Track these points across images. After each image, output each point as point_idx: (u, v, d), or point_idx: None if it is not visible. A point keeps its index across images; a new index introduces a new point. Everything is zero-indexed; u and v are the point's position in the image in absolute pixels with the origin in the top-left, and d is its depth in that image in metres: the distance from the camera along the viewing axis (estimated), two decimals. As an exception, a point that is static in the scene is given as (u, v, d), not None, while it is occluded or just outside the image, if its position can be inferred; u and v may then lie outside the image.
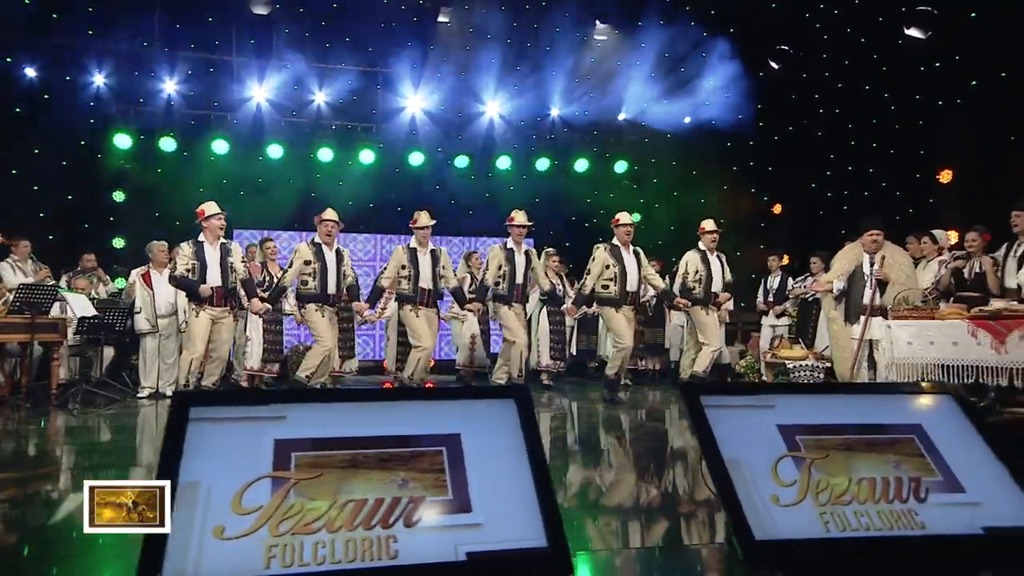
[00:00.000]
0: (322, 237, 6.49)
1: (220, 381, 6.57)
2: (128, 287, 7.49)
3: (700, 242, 7.28)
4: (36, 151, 9.56)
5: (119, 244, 9.64)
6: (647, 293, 7.76)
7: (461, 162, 10.78)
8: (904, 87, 9.77)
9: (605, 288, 6.63)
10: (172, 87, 9.74)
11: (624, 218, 6.77)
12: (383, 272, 6.71)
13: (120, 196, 9.69)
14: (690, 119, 11.21)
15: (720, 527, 2.15)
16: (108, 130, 9.73)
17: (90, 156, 9.87)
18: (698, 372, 6.84)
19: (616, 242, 6.73)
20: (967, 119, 8.66)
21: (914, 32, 9.37)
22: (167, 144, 9.79)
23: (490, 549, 1.47)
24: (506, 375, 6.84)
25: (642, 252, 6.89)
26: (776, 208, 11.33)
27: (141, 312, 6.88)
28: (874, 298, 5.28)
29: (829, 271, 6.22)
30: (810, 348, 7.13)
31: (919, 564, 1.71)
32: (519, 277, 6.71)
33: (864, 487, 1.78)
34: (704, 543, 2.19)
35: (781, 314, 8.31)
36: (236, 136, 10.12)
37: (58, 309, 6.55)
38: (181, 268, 6.24)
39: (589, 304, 7.11)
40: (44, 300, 6.11)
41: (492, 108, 10.48)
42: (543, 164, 11.06)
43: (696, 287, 6.98)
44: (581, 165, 11.17)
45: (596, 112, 10.97)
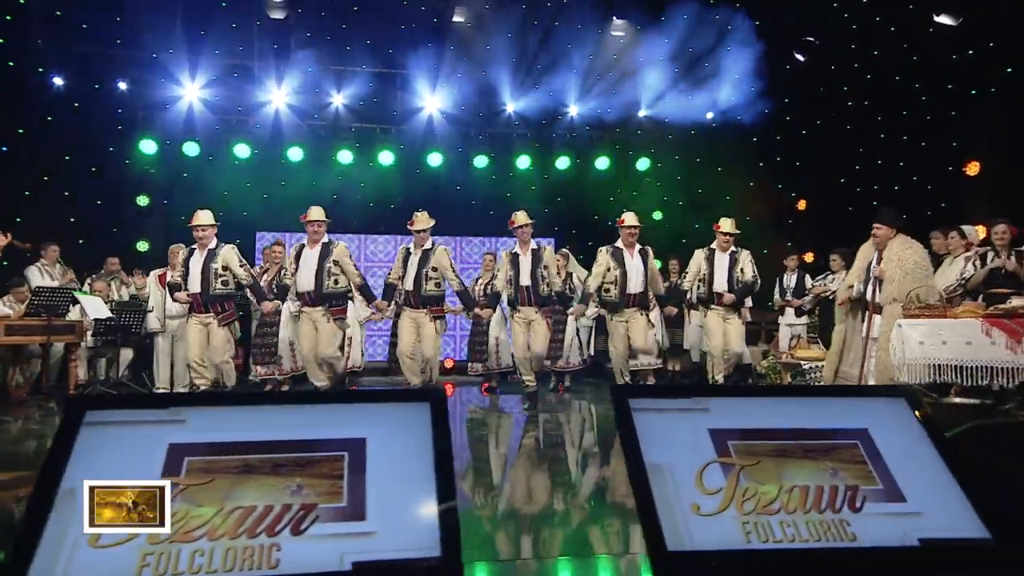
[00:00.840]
0: (309, 236, 6.50)
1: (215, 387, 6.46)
2: (144, 288, 7.65)
3: (715, 240, 7.06)
4: (67, 157, 9.84)
5: (143, 248, 9.85)
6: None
7: (480, 162, 10.76)
8: (935, 76, 9.46)
9: (607, 291, 6.56)
10: (195, 93, 9.92)
11: (629, 219, 6.66)
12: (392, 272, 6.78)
13: (144, 200, 9.90)
14: (713, 114, 11.02)
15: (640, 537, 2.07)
16: (134, 136, 9.97)
17: (118, 162, 10.13)
18: (719, 381, 6.65)
19: (620, 244, 6.63)
20: (1000, 108, 8.34)
21: (944, 19, 9.06)
22: (191, 149, 9.98)
23: (378, 559, 1.43)
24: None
25: (651, 252, 6.76)
26: (801, 204, 11.04)
27: (153, 312, 7.01)
28: (874, 295, 5.10)
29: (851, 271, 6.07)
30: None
31: (847, 576, 1.62)
32: (524, 278, 6.54)
33: (795, 496, 1.69)
34: (620, 553, 2.11)
35: (800, 313, 8.09)
36: (257, 140, 10.27)
37: (78, 312, 6.72)
38: (175, 274, 6.39)
39: (586, 304, 7.01)
40: (60, 303, 6.26)
41: (509, 107, 10.44)
42: (563, 163, 10.98)
43: (700, 286, 6.81)
44: (602, 163, 11.05)
45: (616, 109, 10.85)
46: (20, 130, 9.55)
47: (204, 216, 6.30)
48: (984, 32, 8.49)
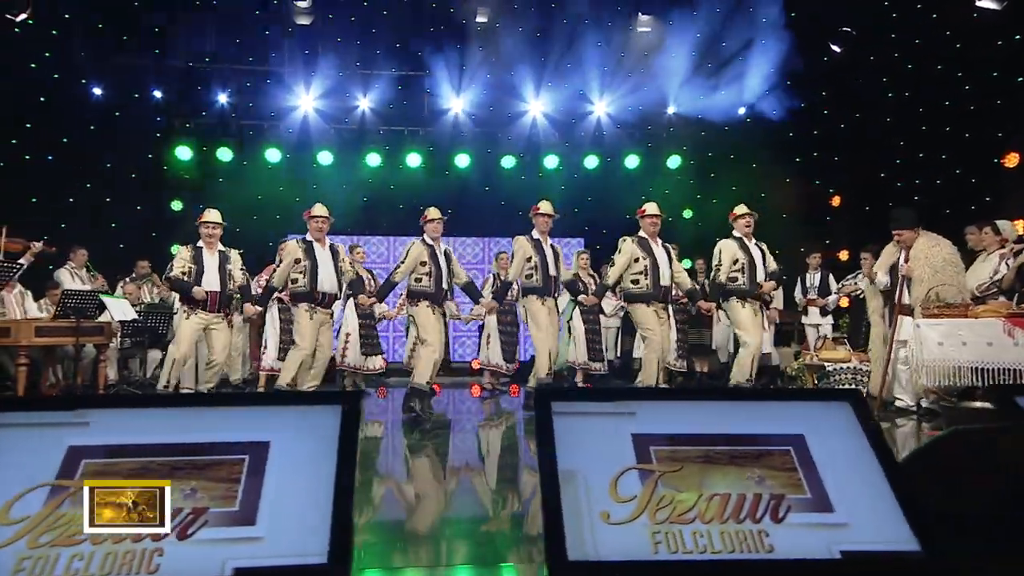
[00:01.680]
0: (313, 234, 6.25)
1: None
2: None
3: (734, 230, 6.73)
4: (108, 165, 10.18)
5: (176, 251, 10.12)
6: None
7: (508, 162, 10.74)
8: (979, 64, 9.06)
9: (635, 283, 6.25)
10: (227, 99, 10.15)
11: (651, 209, 6.47)
12: (398, 267, 6.14)
13: (178, 205, 10.17)
14: (747, 109, 10.77)
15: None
16: (170, 143, 10.25)
17: (156, 168, 10.44)
18: (740, 382, 6.22)
19: (643, 234, 6.45)
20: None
21: (988, 3, 8.67)
22: (224, 154, 10.22)
23: (262, 565, 1.41)
24: (534, 378, 6.53)
25: (672, 248, 6.60)
26: (835, 200, 10.70)
27: (179, 313, 7.17)
28: (900, 296, 4.89)
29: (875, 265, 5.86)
30: (858, 349, 6.68)
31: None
32: (551, 268, 6.33)
33: (714, 505, 1.61)
34: (524, 563, 2.05)
35: (825, 313, 7.83)
36: (288, 144, 10.46)
37: (108, 314, 6.93)
38: (177, 271, 6.25)
39: (601, 296, 6.85)
40: (88, 305, 6.46)
41: (536, 107, 10.39)
42: (592, 162, 10.87)
43: (739, 277, 6.33)
44: (632, 161, 10.91)
45: (644, 106, 10.70)
46: (64, 139, 9.93)
47: (215, 214, 6.44)
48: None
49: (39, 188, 9.66)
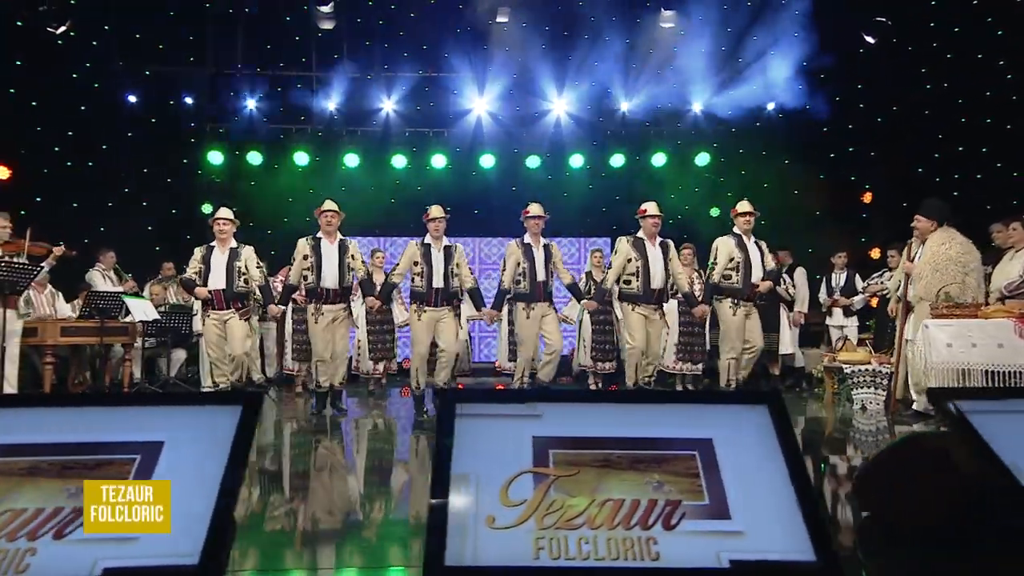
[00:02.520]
0: (323, 228, 6.22)
1: (240, 382, 6.52)
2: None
3: (734, 227, 6.58)
4: (145, 170, 10.50)
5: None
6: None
7: (532, 162, 10.70)
8: (1022, 52, 8.67)
9: (627, 284, 6.29)
10: (255, 104, 10.37)
11: (651, 209, 6.40)
12: (395, 268, 6.27)
13: (208, 208, 10.41)
14: (777, 104, 10.51)
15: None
16: (203, 147, 10.52)
17: (190, 172, 10.73)
18: (733, 381, 6.15)
19: (641, 235, 6.39)
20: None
21: (1031, -12, 8.30)
22: (254, 157, 10.44)
23: (131, 565, 1.43)
24: (519, 382, 6.40)
25: (672, 246, 6.49)
26: (866, 197, 10.36)
27: (198, 314, 7.34)
28: (905, 293, 4.70)
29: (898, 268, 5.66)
30: (882, 351, 6.43)
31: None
32: (540, 273, 6.24)
33: (606, 510, 1.57)
34: (416, 566, 2.03)
35: (850, 313, 7.58)
36: (316, 146, 10.63)
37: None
38: (190, 272, 6.35)
39: (599, 298, 6.74)
40: (112, 306, 6.67)
41: (559, 105, 10.33)
42: (618, 160, 10.75)
43: (733, 275, 6.26)
44: (659, 160, 10.74)
45: (670, 103, 10.53)
46: (103, 146, 10.28)
47: (225, 211, 6.50)
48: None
49: (80, 193, 10.02)
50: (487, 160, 10.59)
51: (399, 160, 10.55)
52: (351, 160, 10.47)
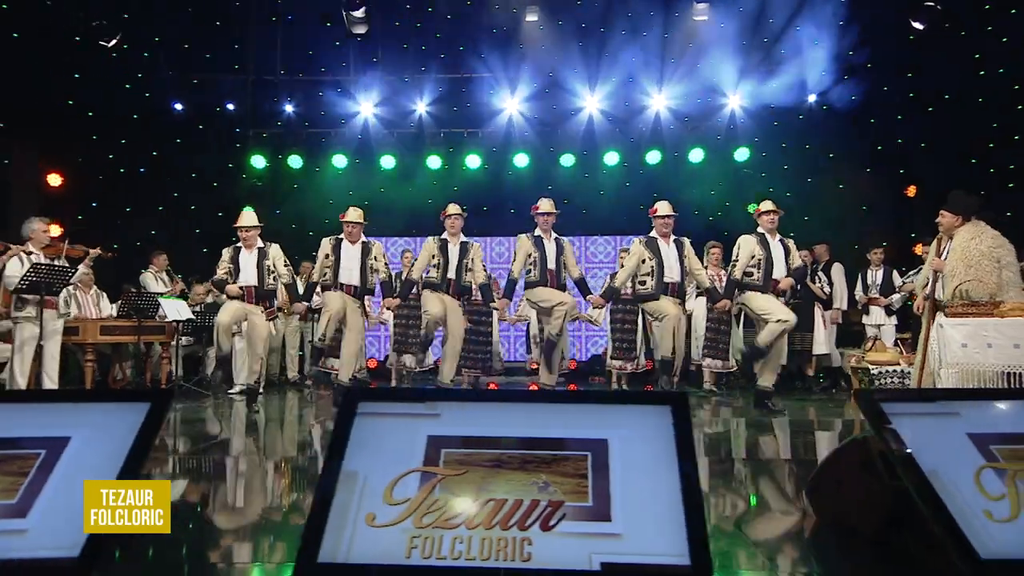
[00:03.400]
0: (345, 235, 6.55)
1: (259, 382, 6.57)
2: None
3: (758, 225, 6.38)
4: (193, 175, 10.90)
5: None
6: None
7: (567, 161, 10.64)
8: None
9: (642, 284, 6.27)
10: (294, 109, 10.65)
11: (663, 209, 6.37)
12: (415, 264, 6.75)
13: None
14: (820, 96, 10.18)
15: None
16: (246, 151, 10.85)
17: (235, 176, 11.08)
18: (759, 344, 5.89)
19: (654, 234, 6.33)
20: None
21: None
22: (295, 161, 10.70)
23: (21, 556, 1.49)
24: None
25: (688, 243, 6.39)
26: (910, 191, 9.93)
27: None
28: (933, 292, 4.49)
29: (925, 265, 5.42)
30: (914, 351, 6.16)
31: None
32: (551, 262, 6.38)
33: (486, 510, 1.56)
34: (277, 563, 2.03)
35: (890, 312, 7.28)
36: (354, 150, 10.82)
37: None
38: (220, 272, 6.50)
39: (616, 298, 6.68)
40: (148, 306, 6.95)
41: (592, 103, 10.25)
42: (654, 157, 10.59)
43: (755, 273, 6.09)
44: (696, 156, 10.53)
45: (707, 97, 10.33)
46: (154, 152, 10.72)
47: (248, 218, 6.65)
48: None
49: (133, 198, 10.48)
50: (521, 159, 10.59)
51: (434, 161, 10.64)
52: (387, 162, 10.62)
